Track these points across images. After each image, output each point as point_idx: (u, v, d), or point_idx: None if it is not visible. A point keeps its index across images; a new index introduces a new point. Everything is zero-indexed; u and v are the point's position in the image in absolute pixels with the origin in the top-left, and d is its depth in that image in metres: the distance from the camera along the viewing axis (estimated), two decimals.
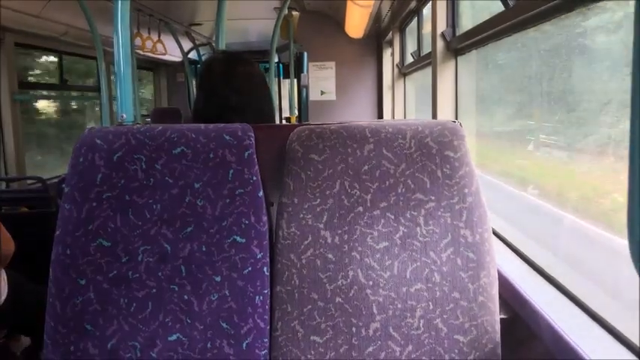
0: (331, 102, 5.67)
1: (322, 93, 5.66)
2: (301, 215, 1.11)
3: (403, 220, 1.10)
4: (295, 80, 5.52)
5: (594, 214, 1.36)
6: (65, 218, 1.10)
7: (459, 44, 2.21)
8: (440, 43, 2.31)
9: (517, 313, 1.24)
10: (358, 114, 5.63)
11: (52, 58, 4.47)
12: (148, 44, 4.83)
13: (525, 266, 1.47)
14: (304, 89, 5.90)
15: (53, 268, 1.09)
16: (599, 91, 1.33)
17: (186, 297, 1.09)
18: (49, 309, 1.09)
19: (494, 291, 1.09)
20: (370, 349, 1.08)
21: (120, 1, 1.24)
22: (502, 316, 1.13)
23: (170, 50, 5.34)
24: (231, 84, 1.51)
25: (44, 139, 4.58)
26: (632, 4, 0.60)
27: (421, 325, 1.08)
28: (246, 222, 1.10)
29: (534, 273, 1.41)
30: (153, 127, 1.13)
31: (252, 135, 1.13)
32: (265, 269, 1.10)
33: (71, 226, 1.09)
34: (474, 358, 1.07)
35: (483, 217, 1.10)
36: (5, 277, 1.91)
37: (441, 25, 2.32)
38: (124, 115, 1.27)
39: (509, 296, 1.28)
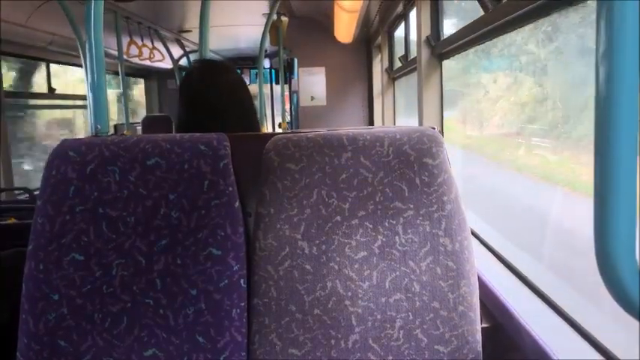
0: (322, 107, 5.64)
1: (312, 98, 5.63)
2: (278, 226, 1.09)
3: (382, 229, 1.08)
4: (287, 86, 5.50)
5: None
6: (38, 232, 1.08)
7: (444, 49, 2.20)
8: (424, 48, 2.30)
9: (499, 321, 1.23)
10: (349, 119, 5.61)
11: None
12: (145, 52, 4.82)
13: (506, 271, 1.46)
14: (295, 95, 5.89)
15: (26, 284, 1.07)
16: None
17: (161, 311, 1.07)
18: (21, 326, 1.07)
19: (475, 299, 1.08)
20: None
21: (93, 2, 1.19)
22: (484, 325, 1.11)
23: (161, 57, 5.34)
24: (212, 91, 1.50)
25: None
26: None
27: (401, 335, 1.06)
28: (222, 234, 1.08)
29: (515, 278, 1.40)
30: (127, 139, 1.12)
31: (228, 144, 1.11)
32: (242, 282, 1.08)
33: (44, 240, 1.07)
34: None
35: (463, 224, 1.08)
36: None
37: (426, 30, 2.31)
38: (99, 126, 1.25)
39: (491, 304, 1.26)
